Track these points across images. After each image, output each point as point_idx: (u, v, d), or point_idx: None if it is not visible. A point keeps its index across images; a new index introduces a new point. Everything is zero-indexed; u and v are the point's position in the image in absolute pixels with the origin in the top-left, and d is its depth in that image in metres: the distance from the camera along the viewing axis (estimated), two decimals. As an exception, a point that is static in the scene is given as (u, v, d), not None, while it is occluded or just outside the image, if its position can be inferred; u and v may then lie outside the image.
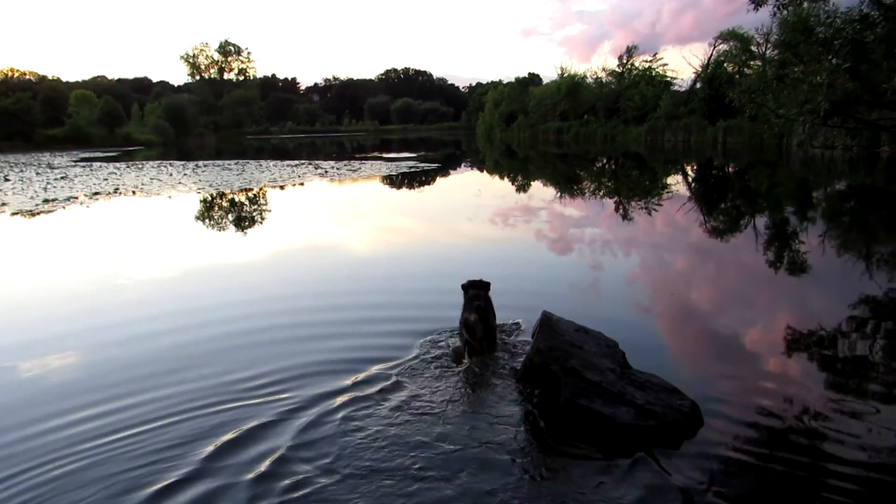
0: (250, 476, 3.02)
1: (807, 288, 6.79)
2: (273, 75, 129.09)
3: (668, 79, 46.70)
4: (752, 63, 31.23)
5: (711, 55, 39.19)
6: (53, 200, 15.67)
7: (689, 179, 20.74)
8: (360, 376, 4.09)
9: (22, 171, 27.69)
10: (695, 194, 16.15)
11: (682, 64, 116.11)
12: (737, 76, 31.22)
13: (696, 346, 4.94)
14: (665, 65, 49.10)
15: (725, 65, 37.13)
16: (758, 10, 27.45)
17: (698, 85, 40.38)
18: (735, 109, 31.42)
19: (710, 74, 37.36)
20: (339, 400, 3.75)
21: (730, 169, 24.59)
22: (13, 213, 13.62)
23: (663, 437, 3.22)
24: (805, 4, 24.32)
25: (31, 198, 16.35)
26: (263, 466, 3.09)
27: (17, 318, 6.04)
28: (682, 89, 44.71)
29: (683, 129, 38.68)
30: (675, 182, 19.68)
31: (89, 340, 5.23)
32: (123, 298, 6.62)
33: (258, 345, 4.88)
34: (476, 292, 4.52)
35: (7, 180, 22.60)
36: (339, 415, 3.57)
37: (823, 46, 23.05)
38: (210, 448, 3.28)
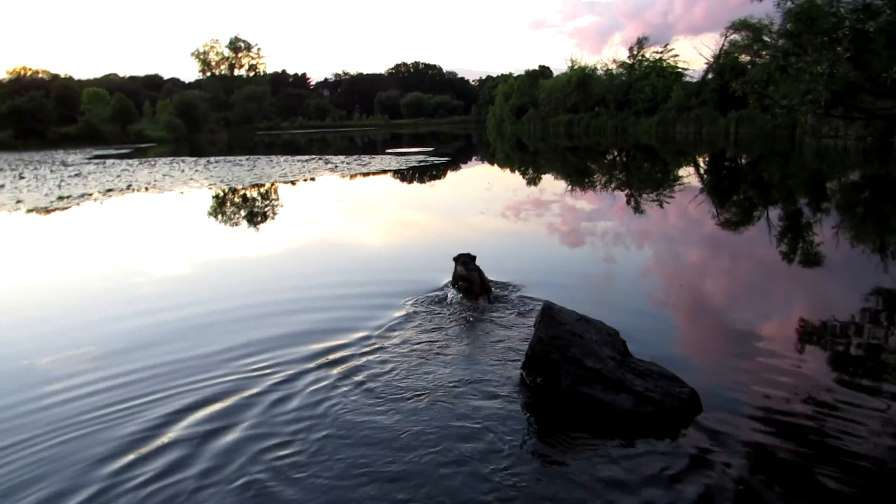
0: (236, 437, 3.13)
1: (819, 280, 6.79)
2: (283, 71, 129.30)
3: (680, 70, 46.37)
4: (763, 53, 30.94)
5: (723, 45, 38.88)
6: (68, 197, 15.90)
7: (701, 171, 20.65)
8: (365, 352, 4.19)
9: (36, 168, 28.07)
10: (707, 186, 16.09)
11: (694, 55, 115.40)
12: (749, 66, 30.96)
13: (703, 337, 4.98)
14: (676, 56, 48.80)
15: (736, 55, 36.80)
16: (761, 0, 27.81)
17: (710, 76, 40.10)
18: (747, 100, 31.36)
19: (722, 65, 37.12)
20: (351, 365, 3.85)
21: (742, 160, 24.45)
22: (29, 210, 13.85)
23: (662, 423, 3.29)
24: None
25: (46, 195, 16.60)
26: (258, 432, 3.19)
27: (32, 308, 6.19)
28: (694, 80, 44.40)
29: (695, 121, 38.45)
30: (687, 174, 19.61)
31: (97, 325, 5.36)
32: (133, 288, 6.76)
33: (268, 324, 4.98)
34: (465, 259, 5.70)
35: (22, 178, 22.94)
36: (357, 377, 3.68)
37: (826, 36, 23.27)
38: (220, 406, 3.39)
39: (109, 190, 17.46)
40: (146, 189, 17.54)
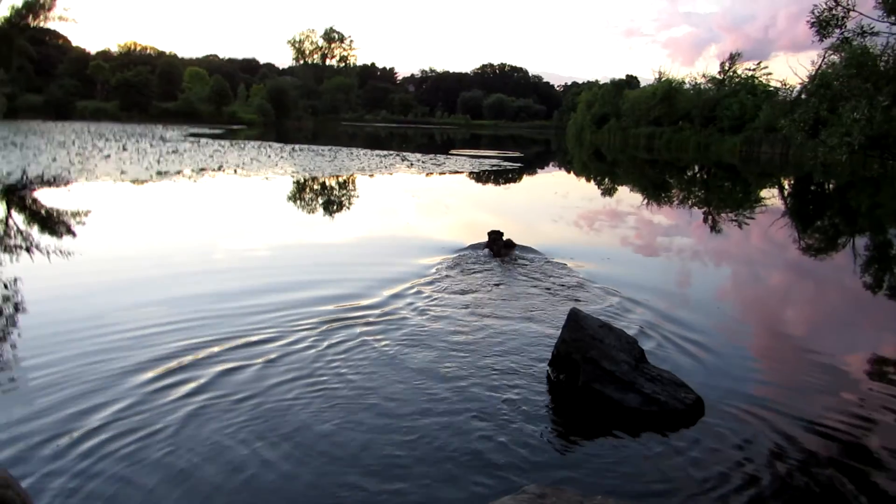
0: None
1: None
2: (372, 64, 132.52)
3: (772, 88, 44.83)
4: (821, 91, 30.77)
5: (820, 66, 37.40)
6: (166, 173, 17.34)
7: (785, 194, 20.27)
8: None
9: (138, 142, 30.32)
10: (789, 210, 15.92)
11: (791, 72, 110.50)
12: (845, 90, 30.01)
13: (738, 356, 5.29)
14: (769, 74, 47.12)
15: (831, 76, 35.39)
16: (822, 41, 29.85)
17: (803, 96, 38.65)
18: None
19: (816, 86, 35.72)
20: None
21: (829, 185, 23.78)
22: (132, 181, 15.27)
23: (664, 422, 3.72)
24: (862, 41, 26.94)
25: (146, 168, 18.14)
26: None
27: (119, 260, 7.11)
28: (788, 99, 42.84)
29: (782, 142, 37.24)
30: (770, 196, 19.35)
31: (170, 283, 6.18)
32: (211, 258, 7.61)
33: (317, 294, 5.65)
34: (494, 236, 8.29)
35: (125, 150, 24.95)
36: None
37: (870, 82, 25.24)
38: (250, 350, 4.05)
39: (202, 169, 18.87)
40: (235, 171, 18.84)
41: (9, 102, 49.97)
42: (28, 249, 8.04)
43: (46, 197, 12.55)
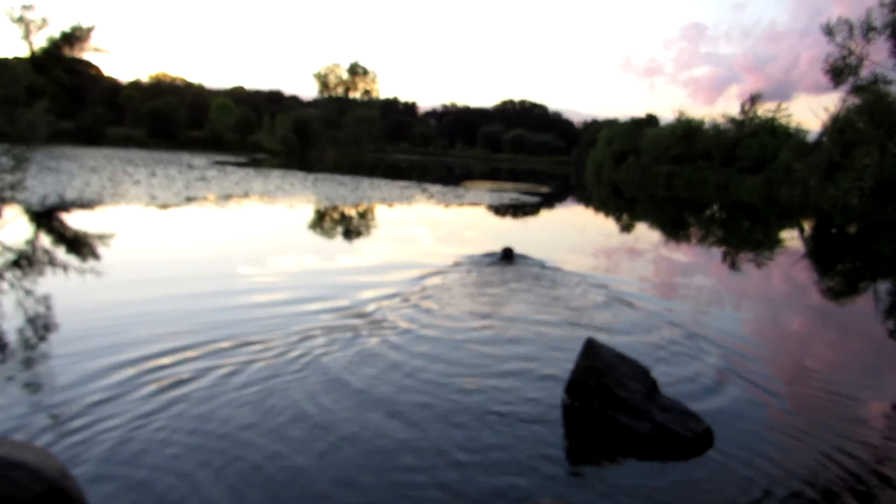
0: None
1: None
2: (395, 98, 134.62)
3: (792, 130, 44.98)
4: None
5: (842, 109, 37.57)
6: (194, 199, 17.86)
7: (805, 235, 20.30)
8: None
9: (166, 168, 31.13)
10: (809, 251, 15.98)
11: (812, 115, 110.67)
12: (857, 136, 30.41)
13: (756, 394, 5.41)
14: (789, 115, 47.33)
15: (855, 121, 35.55)
16: (837, 87, 31.00)
17: (824, 139, 38.75)
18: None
19: (831, 131, 35.86)
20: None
21: (851, 228, 23.74)
22: (162, 206, 15.75)
23: (674, 450, 3.88)
24: (878, 87, 28.07)
25: (176, 194, 18.68)
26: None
27: (147, 278, 7.43)
28: (809, 141, 42.95)
29: (802, 183, 37.23)
30: (790, 237, 19.40)
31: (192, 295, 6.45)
32: (237, 280, 7.90)
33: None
34: (508, 250, 10.31)
35: (154, 176, 25.65)
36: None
37: (883, 129, 26.44)
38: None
39: (229, 195, 19.39)
40: (261, 199, 19.32)
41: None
42: (65, 267, 8.42)
43: (82, 219, 13.05)
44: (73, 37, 64.32)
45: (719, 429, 4.16)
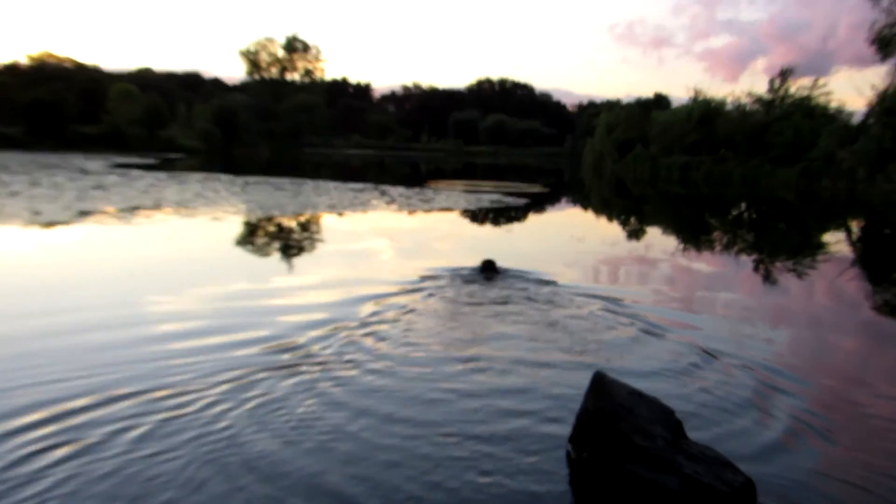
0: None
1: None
2: (344, 79, 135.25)
3: (833, 111, 46.10)
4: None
5: (890, 86, 38.59)
6: (89, 213, 17.56)
7: (853, 239, 20.71)
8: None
9: (53, 174, 30.63)
10: (859, 258, 16.28)
11: (856, 92, 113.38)
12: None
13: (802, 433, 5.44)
14: (829, 93, 48.45)
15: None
16: (884, 60, 31.86)
17: (871, 121, 39.77)
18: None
19: (887, 108, 36.82)
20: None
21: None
22: (47, 224, 15.45)
23: (706, 509, 3.86)
24: None
25: (66, 208, 18.35)
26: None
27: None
28: (853, 124, 44.05)
29: (847, 175, 38.12)
30: (835, 241, 19.78)
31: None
32: (160, 316, 7.76)
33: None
34: (488, 262, 10.74)
35: (37, 185, 25.21)
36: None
37: None
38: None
39: (135, 208, 19.11)
40: (176, 210, 19.08)
41: None
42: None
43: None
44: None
45: (762, 480, 4.16)
